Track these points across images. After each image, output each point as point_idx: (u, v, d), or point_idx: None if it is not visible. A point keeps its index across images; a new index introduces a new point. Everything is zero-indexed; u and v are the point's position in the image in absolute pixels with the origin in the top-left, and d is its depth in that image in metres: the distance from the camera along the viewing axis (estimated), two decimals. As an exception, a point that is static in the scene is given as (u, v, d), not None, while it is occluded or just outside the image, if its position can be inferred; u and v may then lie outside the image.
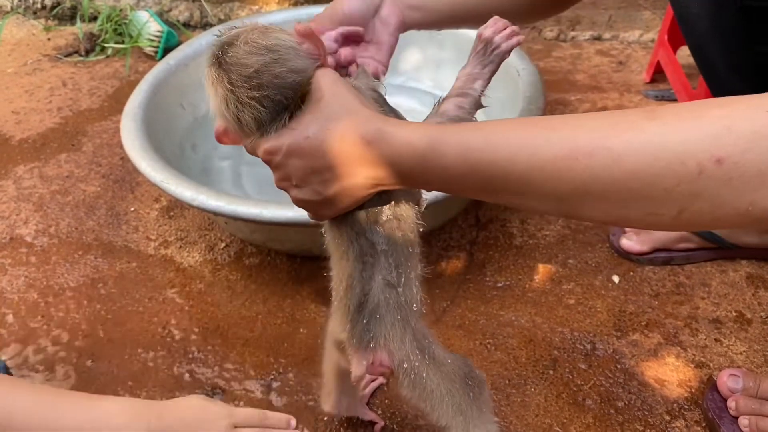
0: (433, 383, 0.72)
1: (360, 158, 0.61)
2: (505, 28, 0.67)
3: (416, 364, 0.70)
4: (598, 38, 2.06)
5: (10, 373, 1.12)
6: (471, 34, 0.70)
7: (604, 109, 1.69)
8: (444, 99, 0.68)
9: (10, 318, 1.23)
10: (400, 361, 0.70)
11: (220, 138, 0.67)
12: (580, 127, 0.53)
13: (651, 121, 0.50)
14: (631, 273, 1.26)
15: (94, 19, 2.18)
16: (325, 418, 1.03)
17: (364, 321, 0.69)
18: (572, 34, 2.07)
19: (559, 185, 0.53)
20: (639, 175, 0.49)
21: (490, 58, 0.67)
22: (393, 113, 0.68)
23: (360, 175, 0.62)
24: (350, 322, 0.70)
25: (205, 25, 2.21)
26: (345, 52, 0.75)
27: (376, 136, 0.60)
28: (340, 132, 0.61)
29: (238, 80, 0.61)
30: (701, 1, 0.82)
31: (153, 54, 2.03)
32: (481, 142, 0.55)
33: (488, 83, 0.67)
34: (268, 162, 0.66)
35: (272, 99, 0.62)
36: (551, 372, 1.09)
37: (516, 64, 1.42)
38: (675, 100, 1.67)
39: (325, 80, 0.64)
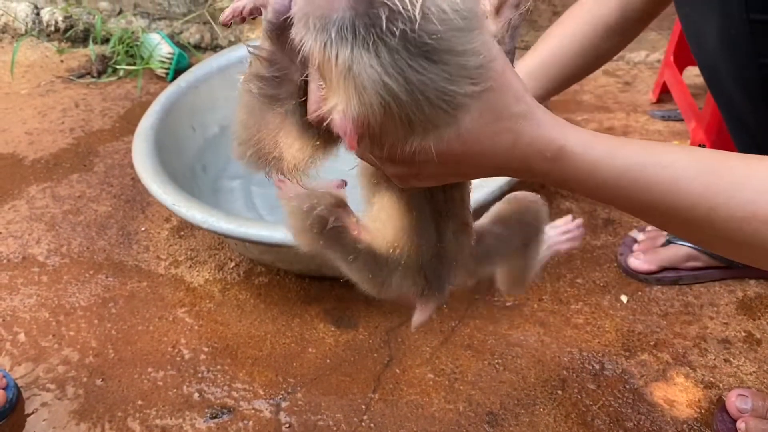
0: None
1: (525, 170, 0.55)
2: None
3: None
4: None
5: (20, 393, 1.13)
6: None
7: (611, 128, 1.70)
8: None
9: (21, 337, 1.24)
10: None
11: (354, 140, 0.47)
12: (759, 191, 0.53)
13: None
14: (640, 293, 1.26)
15: (106, 41, 2.21)
16: (334, 438, 1.03)
17: (442, 270, 0.69)
18: (579, 54, 2.08)
19: (731, 240, 0.55)
20: None
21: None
22: None
23: (509, 174, 0.57)
24: (424, 277, 0.69)
25: (216, 47, 2.24)
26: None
27: (557, 155, 0.54)
28: (512, 141, 0.52)
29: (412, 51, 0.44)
30: (709, 16, 0.83)
31: (164, 75, 2.06)
32: (665, 187, 0.54)
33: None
34: (399, 174, 0.55)
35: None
36: (560, 392, 1.09)
37: (523, 85, 1.43)
38: (681, 121, 1.68)
39: (499, 62, 0.51)
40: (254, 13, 0.56)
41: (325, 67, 0.45)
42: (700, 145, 1.52)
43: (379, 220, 0.67)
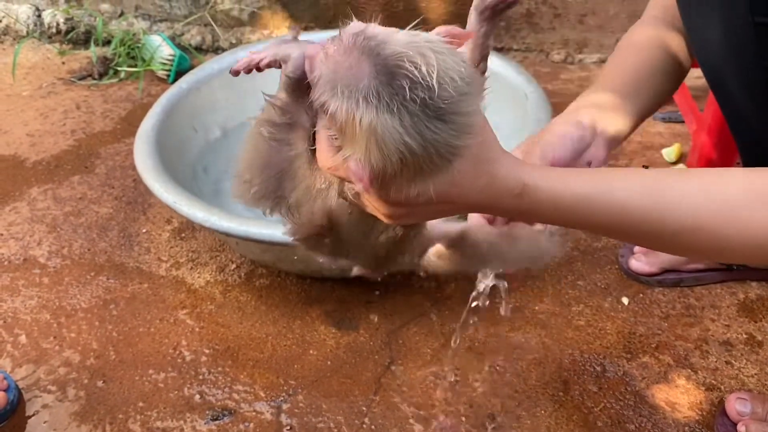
0: None
1: (498, 208, 0.61)
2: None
3: None
4: (606, 61, 2.07)
5: (21, 394, 1.13)
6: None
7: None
8: None
9: (23, 339, 1.24)
10: None
11: (369, 185, 0.52)
12: (697, 205, 0.60)
13: (761, 212, 0.59)
14: (641, 295, 1.25)
15: (107, 43, 2.21)
16: (335, 440, 1.03)
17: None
18: (580, 56, 2.09)
19: (683, 246, 0.63)
20: (744, 251, 0.61)
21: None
22: None
23: (483, 212, 0.64)
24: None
25: (217, 49, 2.24)
26: None
27: (522, 191, 0.59)
28: (486, 182, 0.58)
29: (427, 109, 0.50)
30: (713, 19, 0.83)
31: (165, 77, 2.06)
32: (615, 210, 0.60)
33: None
34: (395, 210, 0.58)
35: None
36: (561, 394, 1.09)
37: (524, 87, 1.43)
38: (682, 122, 1.68)
39: (480, 115, 0.57)
40: (272, 66, 0.60)
41: (347, 126, 0.50)
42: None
43: None
